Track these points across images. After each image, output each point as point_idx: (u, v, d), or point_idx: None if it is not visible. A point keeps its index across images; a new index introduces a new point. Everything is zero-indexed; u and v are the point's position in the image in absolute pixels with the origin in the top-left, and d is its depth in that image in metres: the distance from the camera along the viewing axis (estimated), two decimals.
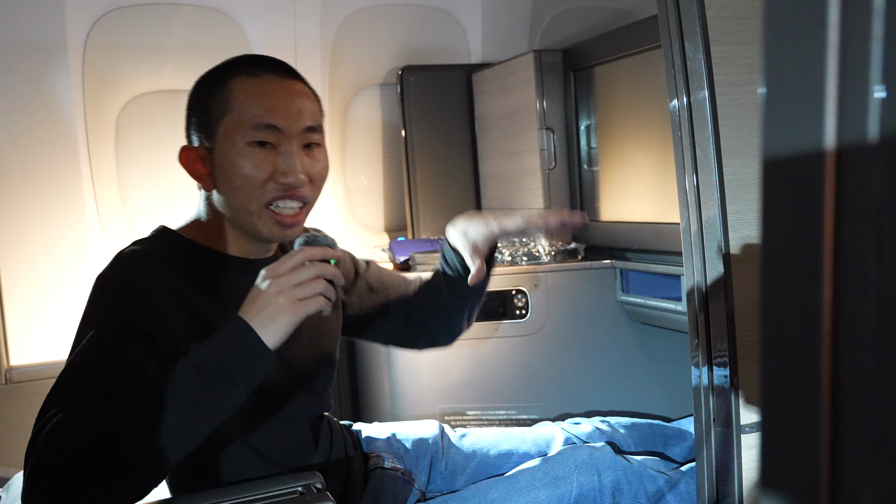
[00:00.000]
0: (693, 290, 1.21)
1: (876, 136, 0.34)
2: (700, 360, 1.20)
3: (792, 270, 0.37)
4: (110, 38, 2.32)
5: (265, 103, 1.15)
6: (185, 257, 1.18)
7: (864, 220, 0.34)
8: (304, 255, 1.04)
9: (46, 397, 0.99)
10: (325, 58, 2.60)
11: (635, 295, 2.04)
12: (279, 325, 1.01)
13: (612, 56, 2.07)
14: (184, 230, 1.23)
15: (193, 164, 1.20)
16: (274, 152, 1.15)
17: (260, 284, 1.04)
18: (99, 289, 1.11)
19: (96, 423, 0.94)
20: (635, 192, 2.05)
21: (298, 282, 1.02)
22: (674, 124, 1.20)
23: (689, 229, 1.20)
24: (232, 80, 1.17)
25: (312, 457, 1.29)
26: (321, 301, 1.03)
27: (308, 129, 1.18)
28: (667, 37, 1.19)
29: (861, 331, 0.35)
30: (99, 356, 1.02)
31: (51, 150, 2.25)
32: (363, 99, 2.77)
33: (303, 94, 1.20)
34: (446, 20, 2.80)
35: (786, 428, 0.38)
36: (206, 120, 1.18)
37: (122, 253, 1.16)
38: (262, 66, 1.19)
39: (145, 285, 1.10)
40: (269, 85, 1.17)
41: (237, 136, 1.14)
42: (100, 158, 2.36)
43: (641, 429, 1.56)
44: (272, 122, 1.14)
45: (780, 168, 0.37)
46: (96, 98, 2.34)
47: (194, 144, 1.20)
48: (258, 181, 1.14)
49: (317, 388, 1.33)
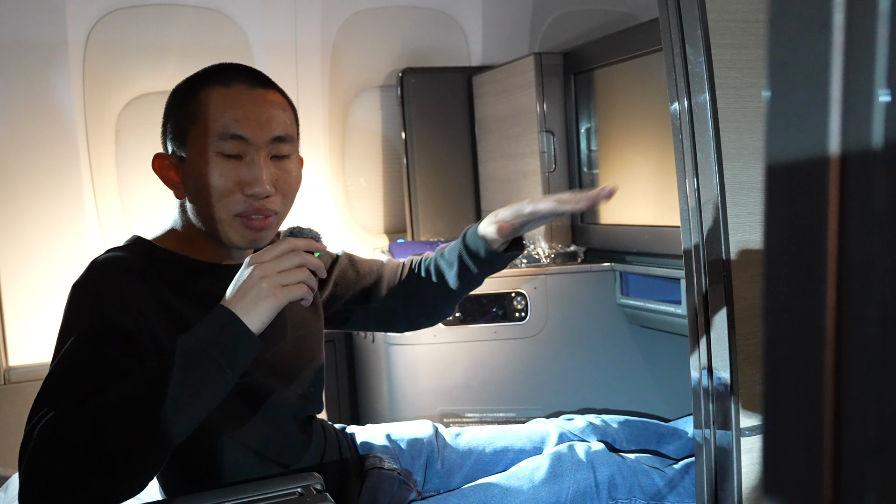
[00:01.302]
0: (693, 293, 1.21)
1: (880, 141, 0.34)
2: (699, 364, 1.20)
3: (795, 274, 0.37)
4: (111, 38, 2.32)
5: (232, 113, 1.14)
6: (160, 263, 1.19)
7: (867, 224, 0.34)
8: (288, 245, 1.05)
9: (35, 399, 1.00)
10: (326, 59, 2.60)
11: (635, 298, 2.04)
12: (262, 309, 1.02)
13: (613, 59, 2.07)
14: (158, 239, 1.23)
15: (167, 172, 1.21)
16: (241, 163, 1.15)
17: (244, 270, 1.05)
18: (76, 295, 1.11)
19: (87, 419, 0.94)
20: (635, 194, 2.05)
21: (282, 269, 1.03)
22: (674, 127, 1.20)
23: (688, 232, 1.20)
24: (203, 90, 1.17)
25: (303, 459, 1.29)
26: (303, 289, 1.04)
27: (276, 139, 1.16)
28: (668, 40, 1.19)
29: (864, 335, 0.35)
30: (83, 355, 1.02)
31: (51, 151, 2.25)
32: (363, 101, 2.77)
33: (273, 104, 1.18)
34: (447, 22, 2.80)
35: (788, 431, 0.38)
36: (177, 128, 1.18)
37: (96, 260, 1.16)
38: (233, 76, 1.18)
39: (123, 287, 1.10)
40: (238, 94, 1.16)
41: (205, 146, 1.14)
42: (100, 159, 2.36)
43: (635, 426, 1.57)
44: (238, 132, 1.13)
45: (783, 171, 0.37)
46: (96, 99, 2.34)
47: (167, 152, 1.21)
48: (225, 191, 1.14)
49: (304, 389, 1.33)
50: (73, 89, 2.26)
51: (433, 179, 2.63)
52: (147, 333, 1.08)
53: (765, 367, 0.39)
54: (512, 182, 2.41)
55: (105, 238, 2.35)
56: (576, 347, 2.10)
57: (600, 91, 2.17)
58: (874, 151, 0.34)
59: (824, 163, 0.35)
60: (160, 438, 0.96)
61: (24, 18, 2.17)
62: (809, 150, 0.36)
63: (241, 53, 2.43)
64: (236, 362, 1.01)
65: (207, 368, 0.99)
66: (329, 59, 2.61)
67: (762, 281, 0.38)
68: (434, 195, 2.64)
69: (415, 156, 2.61)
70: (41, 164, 2.24)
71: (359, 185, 2.82)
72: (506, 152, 2.43)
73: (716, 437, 1.19)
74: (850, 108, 0.35)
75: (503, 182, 2.47)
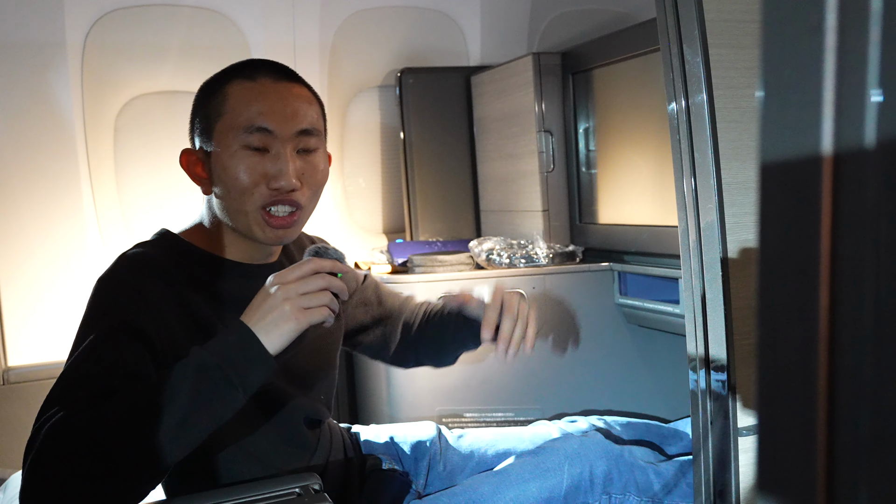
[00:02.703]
0: (691, 293, 1.21)
1: (873, 140, 0.34)
2: (697, 364, 1.20)
3: (788, 274, 0.37)
4: (109, 39, 2.32)
5: (258, 106, 1.14)
6: (186, 261, 1.18)
7: (861, 223, 0.35)
8: (313, 266, 1.04)
9: (46, 397, 0.99)
10: (324, 60, 2.60)
11: (633, 298, 2.04)
12: (282, 331, 1.00)
13: (611, 59, 2.07)
14: (185, 234, 1.23)
15: (193, 168, 1.21)
16: (267, 156, 1.15)
17: (266, 290, 1.03)
18: (99, 291, 1.11)
19: (94, 423, 0.94)
20: (633, 194, 2.05)
21: (306, 291, 1.02)
22: (672, 127, 1.20)
23: (687, 232, 1.20)
24: (229, 84, 1.17)
25: (311, 460, 1.29)
26: (325, 312, 1.03)
27: (302, 132, 1.17)
28: (665, 40, 1.19)
29: (857, 334, 0.35)
30: (99, 357, 1.02)
31: (49, 151, 2.25)
32: (362, 101, 2.77)
33: (299, 97, 1.18)
34: (445, 22, 2.80)
35: (782, 431, 0.38)
36: (204, 123, 1.18)
37: (123, 255, 1.16)
38: (259, 70, 1.18)
39: (145, 288, 1.10)
40: (264, 88, 1.16)
41: (231, 140, 1.14)
42: (98, 159, 2.36)
43: (638, 428, 1.57)
44: (264, 124, 1.14)
45: (777, 171, 0.37)
46: (95, 99, 2.34)
47: (194, 147, 1.21)
48: (251, 185, 1.14)
49: (318, 394, 1.33)
50: (72, 89, 2.26)
51: (432, 179, 2.63)
52: (166, 337, 1.08)
53: (759, 368, 0.39)
54: (510, 182, 2.41)
55: (103, 238, 2.35)
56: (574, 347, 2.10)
57: (598, 91, 2.17)
58: (867, 150, 0.34)
59: (817, 162, 0.35)
60: (164, 451, 0.95)
61: (22, 19, 2.17)
62: (803, 149, 0.36)
63: (239, 54, 2.42)
64: (249, 382, 1.00)
65: (220, 386, 0.98)
66: (328, 59, 2.61)
67: (756, 280, 0.39)
68: (433, 195, 2.64)
69: (413, 156, 2.62)
70: (40, 164, 2.24)
71: (357, 185, 2.82)
72: (504, 152, 2.43)
73: (714, 436, 1.19)
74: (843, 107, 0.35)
75: (502, 182, 2.48)
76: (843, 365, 0.35)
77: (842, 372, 0.35)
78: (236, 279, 1.19)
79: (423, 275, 2.12)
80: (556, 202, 2.25)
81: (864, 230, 0.34)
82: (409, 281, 2.10)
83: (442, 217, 2.65)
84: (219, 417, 1.00)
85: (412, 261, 2.19)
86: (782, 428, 0.38)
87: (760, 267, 0.38)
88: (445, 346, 1.47)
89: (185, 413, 0.95)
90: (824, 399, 0.36)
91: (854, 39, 0.33)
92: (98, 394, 0.98)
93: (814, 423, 0.36)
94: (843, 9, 0.34)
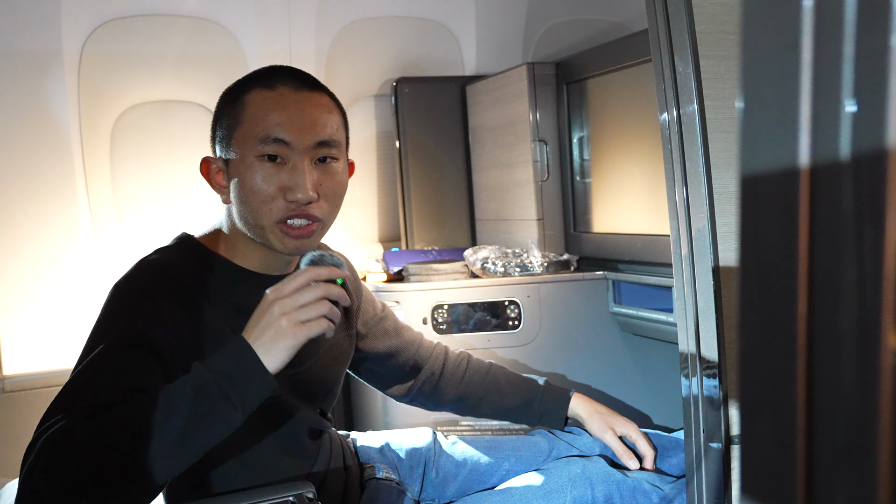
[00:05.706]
0: (682, 300, 1.21)
1: (847, 151, 0.35)
2: (690, 372, 1.21)
3: (768, 284, 0.38)
4: (106, 48, 2.33)
5: (275, 116, 1.12)
6: (204, 269, 1.17)
7: (837, 233, 0.35)
8: (308, 276, 1.02)
9: (50, 404, 0.99)
10: (321, 69, 2.61)
11: (627, 306, 2.05)
12: (280, 349, 0.99)
13: (605, 69, 2.08)
14: (205, 239, 1.21)
15: (214, 176, 1.19)
16: (284, 167, 1.12)
17: (264, 304, 1.02)
18: (114, 299, 1.10)
19: (90, 437, 0.93)
20: (627, 203, 2.06)
21: (302, 303, 1.00)
22: (664, 137, 1.21)
23: (678, 241, 1.21)
24: (248, 92, 1.15)
25: (311, 470, 1.29)
26: (324, 324, 1.01)
27: (321, 143, 1.14)
28: (657, 51, 1.20)
29: (835, 343, 0.35)
30: (105, 369, 1.01)
31: (46, 160, 2.26)
32: (358, 110, 2.79)
33: (318, 107, 1.15)
34: (441, 32, 2.81)
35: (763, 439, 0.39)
36: (223, 132, 1.17)
37: (142, 261, 1.14)
38: (279, 77, 1.16)
39: (161, 299, 1.08)
40: (282, 97, 1.13)
41: (248, 150, 1.13)
42: (94, 168, 2.36)
43: None
44: (280, 135, 1.11)
45: (756, 182, 0.38)
46: (92, 108, 2.34)
47: (215, 155, 1.20)
48: (267, 196, 1.12)
49: (322, 406, 1.33)
50: (69, 99, 2.26)
51: (427, 188, 2.64)
52: (178, 350, 1.06)
53: (740, 377, 0.40)
54: (505, 191, 2.42)
55: (100, 247, 2.36)
56: (569, 355, 2.11)
57: (592, 100, 2.19)
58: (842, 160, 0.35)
59: (795, 172, 0.36)
60: (160, 466, 0.94)
61: (19, 28, 2.18)
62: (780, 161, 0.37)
63: (236, 63, 2.44)
64: (248, 401, 0.99)
65: (219, 404, 0.97)
66: (323, 68, 2.62)
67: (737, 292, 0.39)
68: (428, 204, 2.65)
69: (409, 164, 2.63)
70: (36, 174, 2.25)
71: (353, 193, 2.82)
72: (499, 161, 2.44)
73: (707, 445, 1.20)
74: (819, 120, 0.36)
75: (497, 191, 2.48)
76: (821, 373, 0.36)
77: (820, 380, 0.36)
78: (254, 290, 1.15)
79: (418, 283, 2.12)
80: (551, 211, 2.26)
81: (841, 239, 0.35)
82: (404, 289, 2.11)
83: (437, 226, 2.66)
84: (216, 435, 0.99)
85: (407, 269, 2.20)
86: (763, 436, 0.39)
87: (742, 277, 0.39)
88: (486, 414, 1.58)
89: (182, 430, 0.95)
90: (803, 407, 0.37)
91: (829, 56, 0.34)
92: (98, 406, 0.97)
93: (793, 431, 0.37)
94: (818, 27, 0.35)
